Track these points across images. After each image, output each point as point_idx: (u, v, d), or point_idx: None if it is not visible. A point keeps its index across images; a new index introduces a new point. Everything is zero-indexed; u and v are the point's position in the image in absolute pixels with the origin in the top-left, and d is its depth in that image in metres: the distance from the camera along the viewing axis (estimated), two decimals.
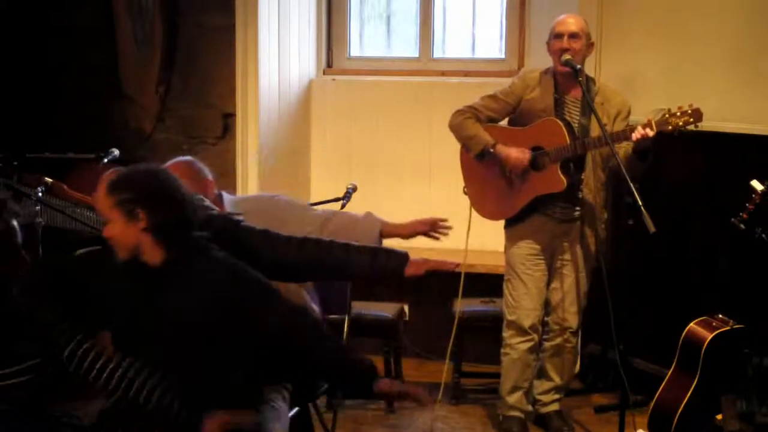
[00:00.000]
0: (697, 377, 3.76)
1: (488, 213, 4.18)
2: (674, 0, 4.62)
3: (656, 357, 4.54)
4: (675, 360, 3.88)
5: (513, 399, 4.19)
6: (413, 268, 2.91)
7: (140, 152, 5.02)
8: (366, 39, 5.75)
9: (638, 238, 4.15)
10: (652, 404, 3.91)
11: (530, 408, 4.27)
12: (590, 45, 4.04)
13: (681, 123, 3.66)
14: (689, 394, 3.76)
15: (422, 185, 5.44)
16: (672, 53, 4.60)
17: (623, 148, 3.86)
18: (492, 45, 5.59)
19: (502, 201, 4.10)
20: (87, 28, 5.27)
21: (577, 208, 4.07)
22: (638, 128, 3.70)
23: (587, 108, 3.95)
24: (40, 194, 4.16)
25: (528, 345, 4.13)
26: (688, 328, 3.84)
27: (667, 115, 3.68)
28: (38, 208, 4.19)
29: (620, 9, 4.78)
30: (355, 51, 5.72)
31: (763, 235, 3.75)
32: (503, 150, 3.98)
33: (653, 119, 3.69)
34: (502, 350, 4.20)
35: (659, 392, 3.90)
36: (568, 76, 3.95)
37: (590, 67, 4.40)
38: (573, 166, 3.97)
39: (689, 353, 3.80)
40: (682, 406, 3.75)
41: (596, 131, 3.89)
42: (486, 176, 4.11)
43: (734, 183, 3.92)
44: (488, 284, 4.65)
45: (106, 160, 4.34)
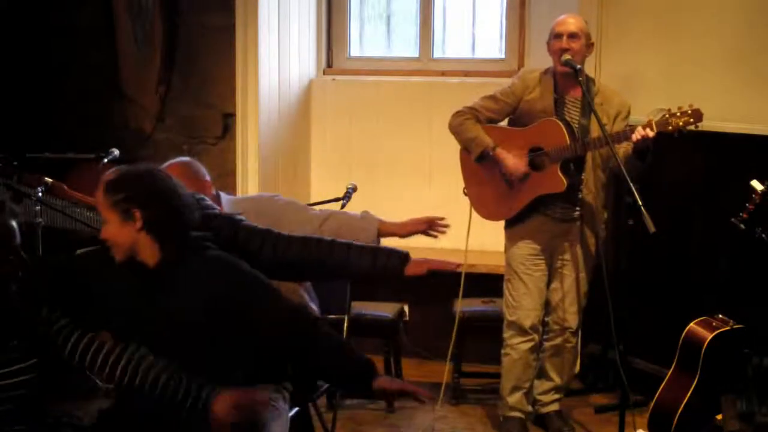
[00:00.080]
0: (697, 377, 3.75)
1: (488, 213, 4.18)
2: (674, 0, 4.62)
3: (656, 357, 4.54)
4: (675, 360, 3.88)
5: (513, 399, 4.19)
6: (414, 268, 2.91)
7: (140, 152, 5.02)
8: (366, 39, 5.75)
9: (638, 238, 4.16)
10: (652, 404, 3.91)
11: (530, 408, 4.27)
12: (590, 45, 4.04)
13: (681, 123, 3.66)
14: (689, 394, 3.75)
15: (422, 185, 5.44)
16: (672, 53, 4.60)
17: (623, 148, 3.86)
18: (492, 45, 5.59)
19: (502, 201, 4.10)
20: (87, 28, 5.27)
21: (577, 209, 4.07)
22: (638, 129, 3.70)
23: (587, 108, 3.95)
24: (40, 194, 4.17)
25: (528, 345, 4.13)
26: (688, 328, 3.84)
27: (668, 116, 3.68)
28: (38, 208, 4.19)
29: (620, 9, 4.79)
30: (355, 51, 5.72)
31: (763, 235, 3.75)
32: (502, 154, 3.98)
33: (653, 119, 3.69)
34: (503, 350, 4.20)
35: (659, 392, 3.89)
36: (568, 76, 3.94)
37: (590, 67, 4.40)
38: (573, 167, 3.97)
39: (689, 353, 3.80)
40: (682, 406, 3.75)
41: (596, 132, 3.89)
42: (486, 177, 4.11)
43: (734, 183, 3.92)
44: (488, 284, 4.65)
45: (106, 160, 4.35)
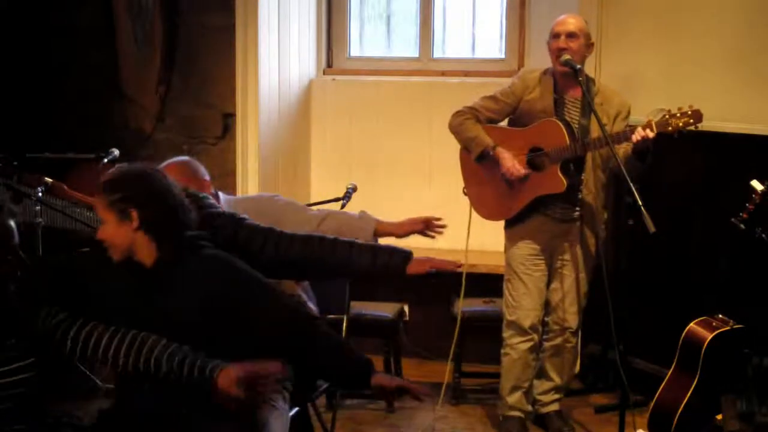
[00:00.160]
0: (697, 377, 3.75)
1: (488, 213, 4.18)
2: (674, 0, 4.62)
3: (656, 357, 4.54)
4: (675, 360, 3.88)
5: (513, 399, 4.19)
6: (416, 266, 2.92)
7: (140, 152, 5.02)
8: (366, 39, 5.75)
9: (638, 238, 4.16)
10: (652, 404, 3.91)
11: (530, 408, 4.27)
12: (590, 45, 4.04)
13: (681, 124, 3.65)
14: (689, 394, 3.75)
15: (422, 185, 5.44)
16: (672, 53, 4.60)
17: (623, 149, 3.85)
18: (492, 45, 5.59)
19: (502, 201, 4.10)
20: (87, 28, 5.27)
21: (577, 209, 4.07)
22: (638, 129, 3.70)
23: (587, 108, 3.95)
24: (40, 194, 4.17)
25: (528, 345, 4.13)
26: (688, 328, 3.84)
27: (667, 116, 3.68)
28: (38, 208, 4.20)
29: (620, 9, 4.79)
30: (355, 51, 5.72)
31: (763, 235, 3.75)
32: (502, 154, 3.98)
33: (653, 120, 3.69)
34: (502, 350, 4.20)
35: (659, 392, 3.89)
36: (568, 77, 3.94)
37: (590, 67, 4.40)
38: (573, 167, 3.96)
39: (689, 353, 3.80)
40: (682, 406, 3.75)
41: (596, 132, 3.89)
42: (486, 177, 4.11)
43: (734, 183, 3.92)
44: (488, 284, 4.65)
45: (106, 160, 4.35)
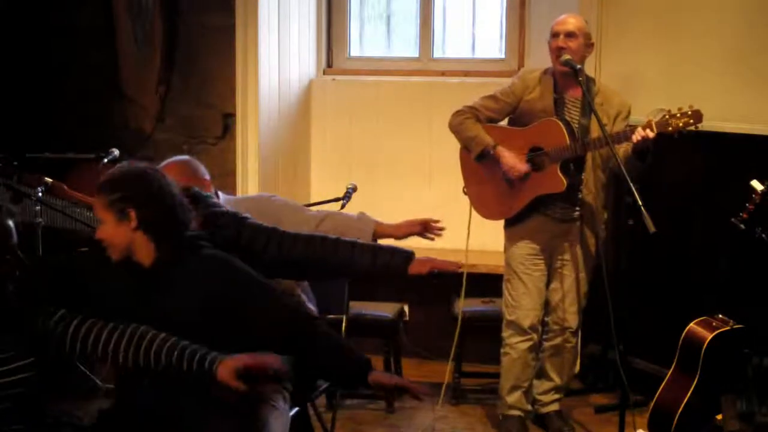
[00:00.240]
0: (697, 377, 3.75)
1: (488, 213, 4.18)
2: (674, 0, 4.62)
3: (656, 357, 4.54)
4: (675, 360, 3.88)
5: (512, 398, 4.19)
6: (418, 267, 2.92)
7: (140, 152, 5.02)
8: (366, 39, 5.75)
9: (638, 238, 4.16)
10: (652, 404, 3.90)
11: (530, 407, 4.27)
12: (590, 45, 4.04)
13: (681, 124, 3.65)
14: (689, 394, 3.75)
15: (422, 185, 5.44)
16: (672, 53, 4.60)
17: (623, 148, 3.85)
18: (492, 45, 5.59)
19: (502, 201, 4.10)
20: (87, 28, 5.27)
21: (577, 209, 4.07)
22: (638, 129, 3.70)
23: (587, 108, 3.95)
24: (40, 194, 4.17)
25: (527, 344, 4.14)
26: (688, 328, 3.84)
27: (667, 117, 3.68)
28: (38, 208, 4.20)
29: (620, 9, 4.78)
30: (355, 51, 5.72)
31: (763, 235, 3.75)
32: (503, 153, 3.98)
33: (653, 120, 3.69)
34: (502, 350, 4.20)
35: (659, 392, 3.89)
36: (568, 76, 3.94)
37: (590, 67, 4.40)
38: (573, 167, 3.96)
39: (689, 353, 3.80)
40: (682, 406, 3.75)
41: (596, 132, 3.89)
42: (486, 176, 4.11)
43: (734, 183, 3.92)
44: (488, 284, 4.65)
45: (106, 160, 4.35)
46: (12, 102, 5.13)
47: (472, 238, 4.18)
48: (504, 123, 4.18)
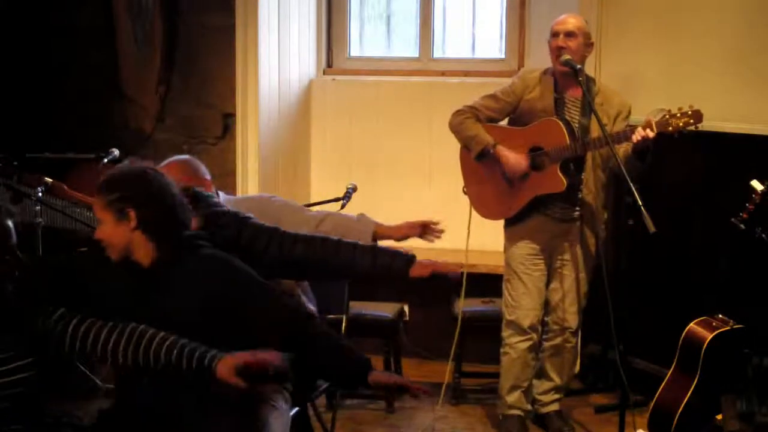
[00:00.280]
0: (697, 377, 3.75)
1: (488, 212, 4.18)
2: (674, 0, 4.62)
3: (656, 357, 4.54)
4: (675, 360, 3.88)
5: (512, 398, 4.19)
6: (419, 269, 2.92)
7: (140, 152, 5.01)
8: (366, 39, 5.75)
9: (638, 238, 4.16)
10: (652, 404, 3.90)
11: (529, 407, 4.27)
12: (589, 45, 4.04)
13: (681, 124, 3.65)
14: (689, 394, 3.75)
15: (422, 185, 5.44)
16: (672, 53, 4.60)
17: (623, 148, 3.85)
18: (492, 45, 5.59)
19: (502, 201, 4.10)
20: (87, 28, 5.27)
21: (577, 209, 4.07)
22: (638, 129, 3.70)
23: (587, 108, 3.95)
24: (40, 194, 4.17)
25: (527, 344, 4.14)
26: (688, 328, 3.84)
27: (668, 117, 3.68)
28: (38, 208, 4.20)
29: (620, 9, 4.79)
30: (355, 51, 5.72)
31: (763, 235, 3.75)
32: (503, 152, 3.99)
33: (653, 120, 3.69)
34: (502, 350, 4.20)
35: (659, 392, 3.89)
36: (568, 76, 3.94)
37: (590, 67, 4.40)
38: (573, 167, 3.97)
39: (689, 353, 3.80)
40: (682, 406, 3.75)
41: (596, 131, 3.89)
42: (486, 176, 4.11)
43: (734, 183, 3.92)
44: (488, 284, 4.65)
45: (106, 160, 4.35)
46: (12, 102, 5.13)
47: (472, 238, 4.18)
48: (504, 123, 4.18)
